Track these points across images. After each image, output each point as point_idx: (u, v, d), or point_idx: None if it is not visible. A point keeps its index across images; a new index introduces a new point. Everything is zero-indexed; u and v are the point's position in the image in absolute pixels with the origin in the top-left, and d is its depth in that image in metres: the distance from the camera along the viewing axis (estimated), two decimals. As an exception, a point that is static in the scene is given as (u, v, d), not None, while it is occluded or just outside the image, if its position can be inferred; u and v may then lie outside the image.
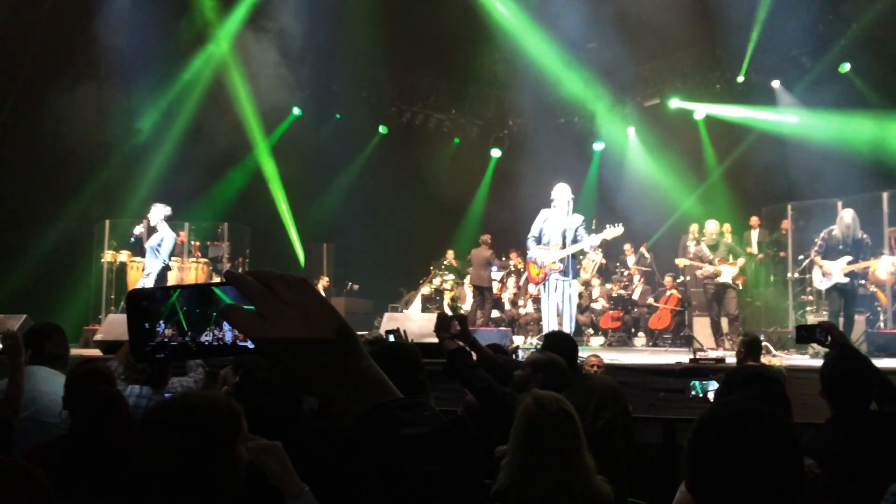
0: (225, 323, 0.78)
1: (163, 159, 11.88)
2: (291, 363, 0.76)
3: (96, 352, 8.07)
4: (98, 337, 8.28)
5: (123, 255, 11.33)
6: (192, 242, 12.11)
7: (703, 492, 1.42)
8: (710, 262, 9.23)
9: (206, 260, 11.92)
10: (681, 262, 10.52)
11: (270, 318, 0.76)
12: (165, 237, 9.39)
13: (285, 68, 14.43)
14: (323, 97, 15.34)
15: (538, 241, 8.22)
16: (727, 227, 10.08)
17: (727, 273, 8.98)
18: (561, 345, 3.91)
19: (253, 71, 13.73)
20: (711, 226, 9.50)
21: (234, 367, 3.52)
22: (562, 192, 8.14)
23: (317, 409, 3.28)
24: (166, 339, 0.78)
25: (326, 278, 14.89)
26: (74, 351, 7.56)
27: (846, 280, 8.47)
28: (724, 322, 9.58)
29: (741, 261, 9.36)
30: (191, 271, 11.56)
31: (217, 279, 11.79)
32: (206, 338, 0.79)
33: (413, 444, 0.73)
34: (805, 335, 3.50)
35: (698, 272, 9.34)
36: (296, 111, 15.30)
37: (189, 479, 1.59)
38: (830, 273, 8.57)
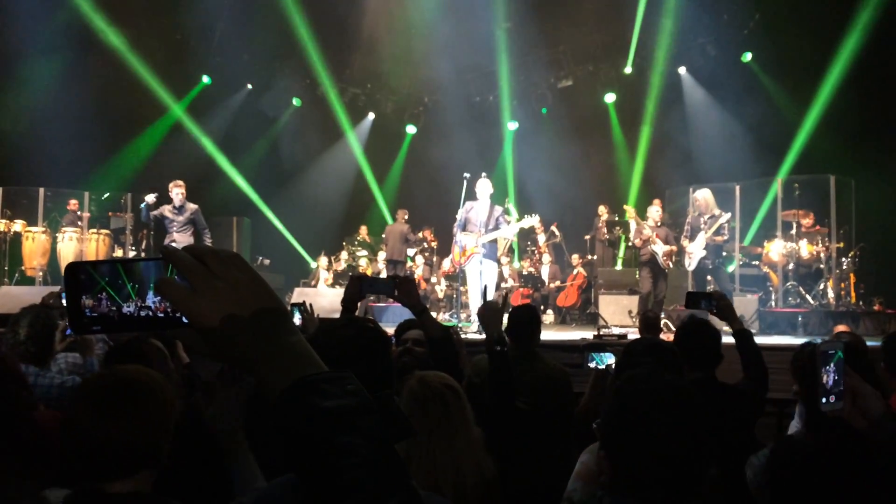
0: (149, 295, 0.79)
1: (61, 126, 11.21)
2: (221, 336, 0.78)
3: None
4: (-10, 310, 7.88)
5: (18, 225, 10.74)
6: (80, 213, 11.46)
7: (623, 459, 1.44)
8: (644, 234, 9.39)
9: (107, 231, 11.41)
10: (629, 209, 10.31)
11: (202, 293, 0.78)
12: (198, 212, 9.47)
13: (194, 34, 13.87)
14: (234, 66, 14.82)
15: (463, 228, 8.77)
16: (632, 210, 10.24)
17: (659, 248, 9.20)
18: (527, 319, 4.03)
19: (161, 36, 13.18)
20: (655, 208, 9.74)
21: None
22: (485, 187, 8.75)
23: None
24: (101, 313, 0.79)
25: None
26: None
27: (704, 253, 8.83)
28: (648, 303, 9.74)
29: (674, 247, 9.54)
30: (91, 243, 11.06)
31: (119, 251, 11.39)
32: (128, 309, 0.80)
33: (333, 415, 0.74)
34: (693, 302, 3.61)
35: (637, 239, 9.51)
36: (205, 79, 14.76)
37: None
38: (692, 253, 8.95)
